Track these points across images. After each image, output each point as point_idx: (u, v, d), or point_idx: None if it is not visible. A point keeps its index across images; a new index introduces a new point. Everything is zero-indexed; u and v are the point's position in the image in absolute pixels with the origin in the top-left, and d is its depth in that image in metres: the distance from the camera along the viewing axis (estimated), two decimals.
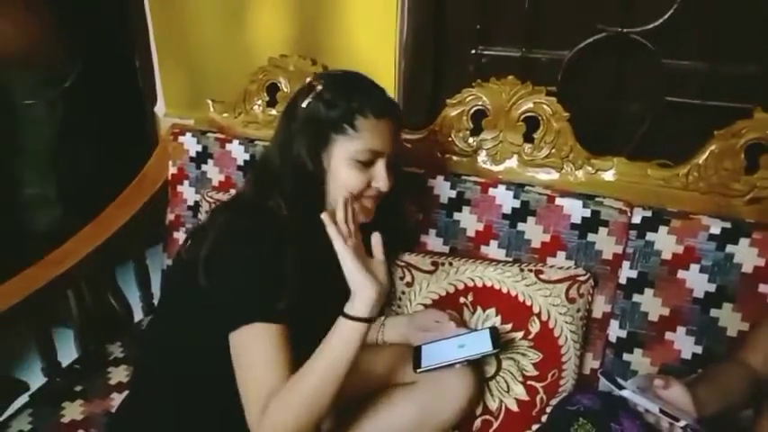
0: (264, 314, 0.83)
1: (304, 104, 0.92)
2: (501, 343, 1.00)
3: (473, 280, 1.14)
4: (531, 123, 1.21)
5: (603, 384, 0.98)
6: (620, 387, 0.84)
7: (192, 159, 1.44)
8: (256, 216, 0.91)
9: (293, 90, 1.38)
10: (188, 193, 1.45)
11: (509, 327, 1.10)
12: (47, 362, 1.27)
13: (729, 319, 1.06)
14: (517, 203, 1.17)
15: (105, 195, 1.43)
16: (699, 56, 1.25)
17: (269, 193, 0.92)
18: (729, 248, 1.04)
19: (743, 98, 1.18)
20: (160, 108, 1.66)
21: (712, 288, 1.06)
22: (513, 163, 1.24)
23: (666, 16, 1.21)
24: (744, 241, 1.03)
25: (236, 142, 1.40)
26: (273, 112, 1.44)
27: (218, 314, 0.86)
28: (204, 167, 1.43)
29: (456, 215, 1.21)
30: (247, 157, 1.39)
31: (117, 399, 1.20)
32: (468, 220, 1.20)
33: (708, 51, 1.25)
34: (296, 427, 0.80)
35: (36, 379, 1.25)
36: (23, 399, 1.21)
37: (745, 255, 1.03)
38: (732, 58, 1.25)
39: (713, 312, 1.06)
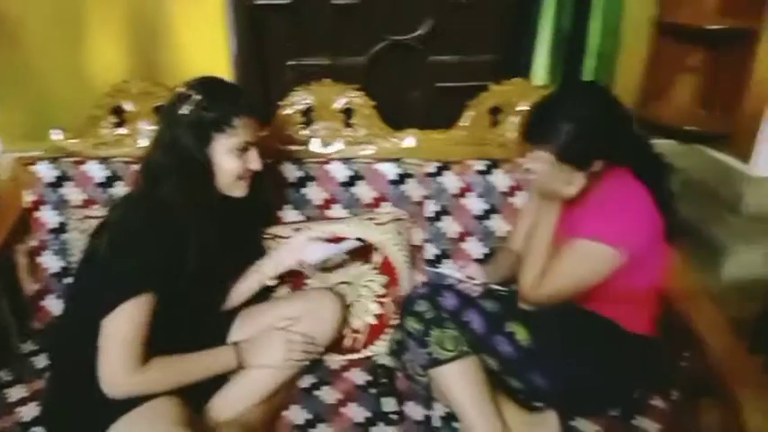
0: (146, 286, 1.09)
1: (185, 111, 1.14)
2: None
3: (326, 234, 1.48)
4: (348, 112, 1.60)
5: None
6: (438, 267, 1.28)
7: (49, 185, 1.52)
8: (150, 207, 1.13)
9: (139, 110, 1.58)
10: (48, 217, 1.53)
11: (360, 262, 1.47)
12: None
13: (498, 224, 1.56)
14: (349, 173, 1.54)
15: None
16: (453, 52, 1.75)
17: (160, 187, 1.14)
18: (489, 178, 1.55)
19: (485, 78, 1.70)
20: None
21: (486, 206, 1.56)
22: (340, 145, 1.61)
23: (427, 26, 1.69)
24: (497, 171, 1.55)
25: (91, 163, 1.53)
26: (122, 131, 1.60)
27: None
28: (62, 191, 1.52)
29: (303, 190, 1.55)
30: (107, 173, 1.53)
31: (24, 411, 1.28)
32: (315, 192, 1.55)
33: (461, 48, 1.75)
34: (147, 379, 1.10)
35: None
36: None
37: (500, 180, 1.55)
38: (475, 52, 1.78)
39: (487, 223, 1.56)
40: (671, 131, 1.76)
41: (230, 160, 1.18)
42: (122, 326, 1.08)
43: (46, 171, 1.52)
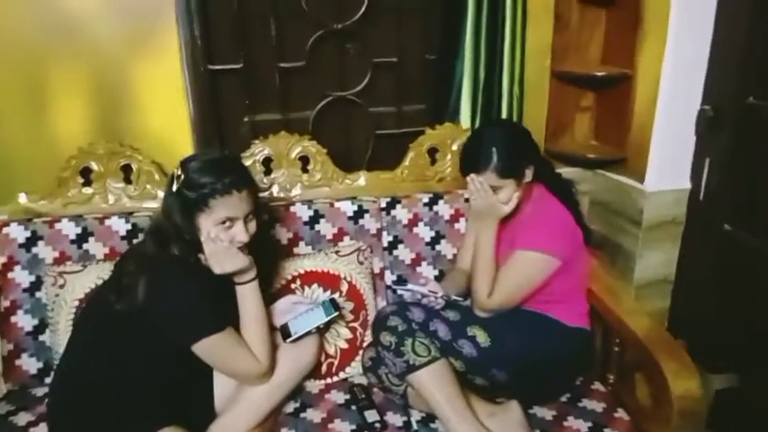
0: (215, 328, 1.25)
1: (174, 189, 1.26)
2: (340, 308, 1.49)
3: (297, 270, 1.63)
4: (304, 159, 1.78)
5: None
6: (406, 284, 1.46)
7: (21, 246, 1.57)
8: (175, 264, 1.26)
9: (107, 170, 1.68)
10: (21, 276, 1.57)
11: (329, 292, 1.62)
12: None
13: (446, 248, 1.79)
14: (311, 213, 1.71)
15: None
16: (390, 103, 2.00)
17: (170, 246, 1.27)
18: (435, 208, 1.78)
19: (417, 125, 1.96)
20: None
21: (433, 234, 1.78)
22: (298, 189, 1.78)
23: (365, 82, 1.93)
24: (441, 202, 1.79)
25: (64, 221, 1.60)
26: (90, 190, 1.69)
27: (173, 337, 1.24)
28: (35, 249, 1.58)
29: (271, 231, 1.69)
30: (79, 230, 1.60)
31: None
32: (280, 233, 1.70)
33: (395, 100, 2.00)
34: (268, 347, 1.34)
35: None
36: None
37: (443, 209, 1.78)
38: (409, 103, 2.04)
39: (437, 247, 1.78)
40: (575, 160, 2.09)
41: (215, 233, 1.26)
42: (221, 341, 1.27)
43: (18, 232, 1.57)
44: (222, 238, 1.26)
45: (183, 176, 1.26)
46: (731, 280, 1.81)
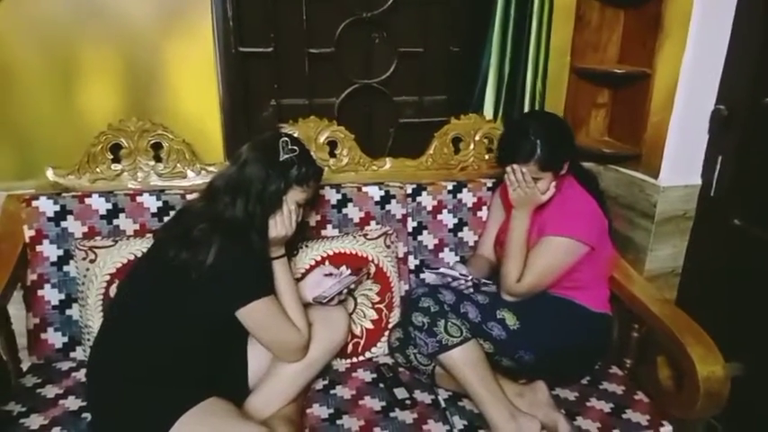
0: (266, 291, 1.28)
1: (282, 159, 1.32)
2: (364, 270, 1.56)
3: (325, 251, 1.65)
4: (332, 144, 1.80)
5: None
6: (438, 267, 1.49)
7: (50, 219, 1.56)
8: (241, 233, 1.28)
9: (137, 147, 1.68)
10: (49, 250, 1.56)
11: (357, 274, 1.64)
12: None
13: (468, 235, 1.82)
14: (339, 197, 1.73)
15: None
16: (413, 93, 2.03)
17: (243, 213, 1.30)
18: (458, 196, 1.82)
19: (438, 115, 1.99)
20: None
21: (455, 221, 1.81)
22: (325, 173, 1.79)
23: (391, 71, 1.96)
24: (465, 190, 1.82)
25: (95, 196, 1.60)
26: (119, 167, 1.69)
27: (228, 297, 1.26)
28: (64, 224, 1.57)
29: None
30: (109, 206, 1.60)
31: None
32: (309, 215, 1.71)
33: (417, 90, 2.04)
34: (305, 317, 1.39)
35: None
36: None
37: (466, 197, 1.82)
38: (431, 93, 2.07)
39: (459, 234, 1.82)
40: (590, 155, 2.14)
41: (291, 208, 1.38)
42: (270, 306, 1.30)
43: (47, 206, 1.56)
44: (295, 213, 1.38)
45: (298, 151, 1.36)
46: (739, 271, 1.87)
